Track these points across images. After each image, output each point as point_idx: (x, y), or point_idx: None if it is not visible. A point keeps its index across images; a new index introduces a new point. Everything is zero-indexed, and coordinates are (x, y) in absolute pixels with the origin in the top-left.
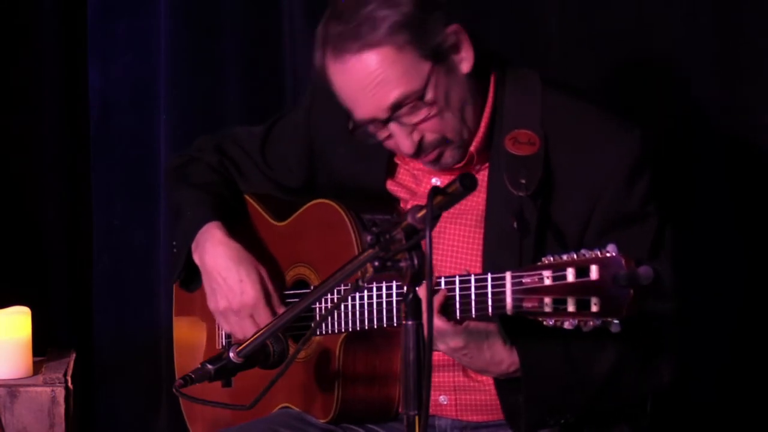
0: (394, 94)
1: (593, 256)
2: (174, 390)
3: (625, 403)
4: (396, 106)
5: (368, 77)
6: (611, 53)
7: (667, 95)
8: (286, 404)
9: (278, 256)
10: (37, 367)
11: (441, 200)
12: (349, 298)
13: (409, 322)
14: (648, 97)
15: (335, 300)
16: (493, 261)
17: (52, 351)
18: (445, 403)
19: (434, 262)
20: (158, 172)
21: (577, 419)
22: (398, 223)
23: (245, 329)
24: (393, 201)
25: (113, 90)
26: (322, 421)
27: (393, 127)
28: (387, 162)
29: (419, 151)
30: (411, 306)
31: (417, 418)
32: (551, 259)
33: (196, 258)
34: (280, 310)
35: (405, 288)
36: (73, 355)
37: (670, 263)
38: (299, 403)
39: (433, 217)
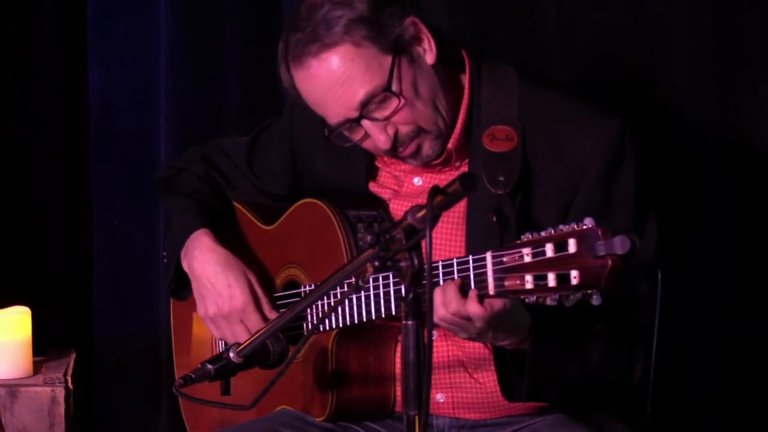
0: (360, 92)
1: (571, 229)
2: (174, 390)
3: (598, 394)
4: (364, 103)
5: (332, 78)
6: (609, 51)
7: (666, 94)
8: (284, 406)
9: (269, 260)
10: (37, 367)
11: (441, 200)
12: (338, 294)
13: (410, 322)
14: (646, 96)
15: (334, 300)
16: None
17: (52, 351)
18: (442, 401)
19: None
20: (158, 171)
21: (573, 415)
22: (385, 220)
23: (236, 334)
24: (379, 198)
25: (113, 90)
26: (318, 419)
27: (366, 124)
28: (367, 165)
29: (396, 145)
30: (411, 306)
31: (417, 418)
32: (530, 236)
33: (185, 265)
34: (270, 313)
35: (405, 288)
36: (73, 355)
37: (650, 255)
38: (297, 403)
39: (433, 217)
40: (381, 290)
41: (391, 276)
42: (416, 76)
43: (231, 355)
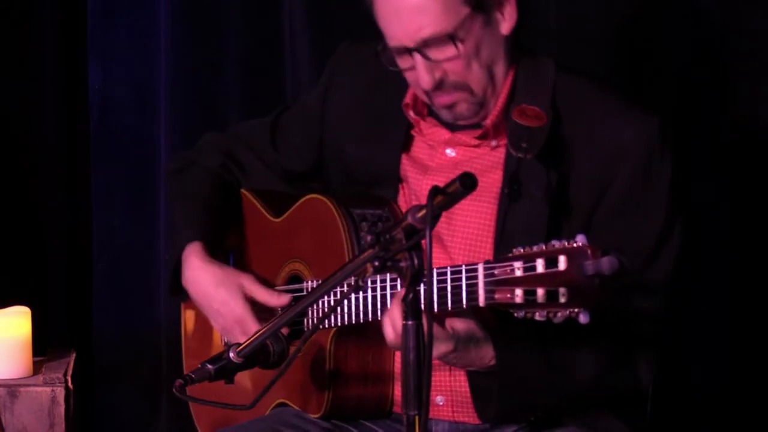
0: (426, 29)
1: (562, 246)
2: (174, 390)
3: (599, 404)
4: (425, 41)
5: (407, 2)
6: (610, 50)
7: (666, 95)
8: (283, 400)
9: (274, 252)
10: (37, 367)
11: (441, 200)
12: (339, 293)
13: (410, 322)
14: (646, 96)
15: (334, 299)
16: (505, 237)
17: (52, 351)
18: (442, 404)
19: (447, 240)
20: (158, 172)
21: (574, 420)
22: (390, 219)
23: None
24: (387, 195)
25: (113, 90)
26: (314, 416)
27: (417, 59)
28: (404, 135)
29: (437, 88)
30: (411, 306)
31: (417, 418)
32: (521, 250)
33: (183, 282)
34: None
35: (405, 288)
36: (73, 355)
37: (671, 263)
38: (295, 399)
39: (433, 217)
40: (388, 291)
41: (396, 279)
42: (483, 38)
43: (231, 355)
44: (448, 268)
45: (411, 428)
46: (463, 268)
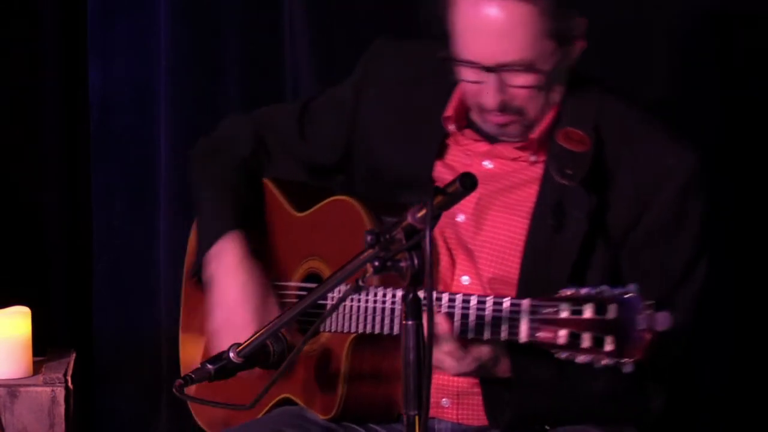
0: (509, 56)
1: (612, 294)
2: (174, 390)
3: (608, 423)
4: (503, 65)
5: (497, 24)
6: (609, 50)
7: (666, 95)
8: (287, 395)
9: (294, 246)
10: (37, 367)
11: (441, 200)
12: (362, 300)
13: (410, 322)
14: (647, 96)
15: (336, 300)
16: (534, 253)
17: (52, 351)
18: (447, 406)
19: (474, 249)
20: (158, 172)
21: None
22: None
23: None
24: (417, 201)
25: (113, 90)
26: (323, 418)
27: (490, 77)
28: (439, 143)
29: (499, 109)
30: (411, 306)
31: (417, 418)
32: (570, 292)
33: (208, 270)
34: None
35: (405, 288)
36: (73, 355)
37: (695, 293)
38: (301, 396)
39: (433, 217)
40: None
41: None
42: (555, 69)
43: (231, 354)
44: (489, 297)
45: (411, 428)
46: (507, 300)
